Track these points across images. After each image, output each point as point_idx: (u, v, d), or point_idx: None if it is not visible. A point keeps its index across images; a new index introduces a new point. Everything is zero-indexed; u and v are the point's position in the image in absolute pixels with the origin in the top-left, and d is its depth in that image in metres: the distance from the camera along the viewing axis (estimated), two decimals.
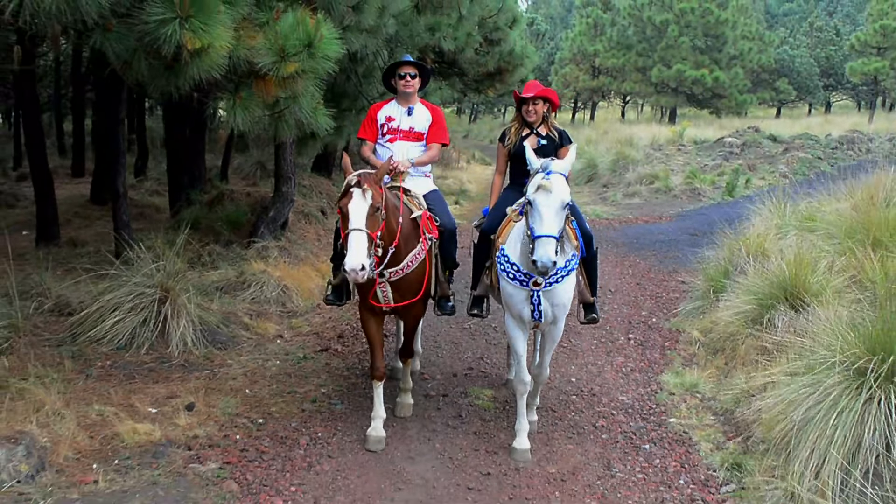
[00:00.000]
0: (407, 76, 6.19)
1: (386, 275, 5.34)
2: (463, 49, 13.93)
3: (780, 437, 5.01)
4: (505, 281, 5.40)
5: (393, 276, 5.37)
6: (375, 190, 4.94)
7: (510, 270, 5.31)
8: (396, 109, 6.29)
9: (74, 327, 7.17)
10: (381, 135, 6.29)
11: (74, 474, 4.88)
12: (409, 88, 6.19)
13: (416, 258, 5.49)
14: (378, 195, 4.94)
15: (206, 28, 5.06)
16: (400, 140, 6.22)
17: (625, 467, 5.32)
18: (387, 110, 6.32)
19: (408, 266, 5.42)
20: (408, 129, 6.26)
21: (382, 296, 5.48)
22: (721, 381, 6.63)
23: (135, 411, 5.80)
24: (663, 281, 10.48)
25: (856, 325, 5.20)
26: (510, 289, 5.38)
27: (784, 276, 7.20)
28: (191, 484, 4.88)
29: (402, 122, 6.25)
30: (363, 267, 4.71)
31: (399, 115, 6.26)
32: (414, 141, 6.26)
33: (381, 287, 5.42)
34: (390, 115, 6.28)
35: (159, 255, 7.69)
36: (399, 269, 5.37)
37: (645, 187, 19.72)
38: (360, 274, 4.71)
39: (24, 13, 4.51)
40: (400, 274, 5.39)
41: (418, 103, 6.31)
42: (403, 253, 5.38)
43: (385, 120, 6.27)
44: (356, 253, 4.72)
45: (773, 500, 4.65)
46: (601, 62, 42.03)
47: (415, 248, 5.49)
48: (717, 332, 7.52)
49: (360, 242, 4.76)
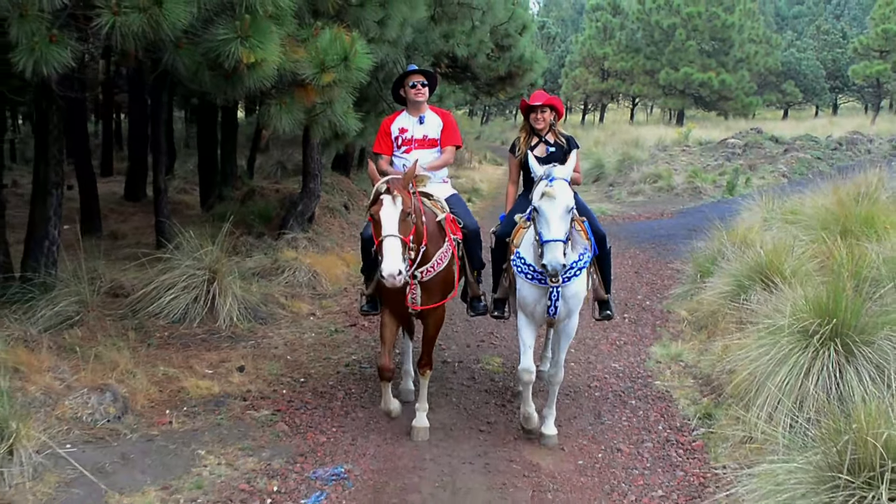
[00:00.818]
0: (417, 85, 6.31)
1: (418, 275, 5.47)
2: (475, 55, 14.73)
3: (744, 390, 5.94)
4: (523, 281, 5.63)
5: (424, 275, 5.51)
6: (405, 195, 5.08)
7: (527, 271, 5.55)
8: (408, 120, 6.42)
9: (133, 304, 8.16)
10: (396, 147, 6.40)
11: (152, 417, 5.87)
12: (420, 97, 6.32)
13: (444, 257, 5.64)
14: (408, 200, 5.10)
15: (261, 45, 6.03)
16: (415, 149, 6.34)
17: (612, 417, 6.28)
18: (399, 122, 6.45)
19: (437, 264, 5.57)
20: (421, 138, 6.37)
21: (411, 297, 5.57)
22: (702, 352, 7.55)
23: (194, 372, 6.79)
24: (659, 270, 11.40)
25: (808, 296, 6.14)
26: (526, 289, 5.61)
27: (761, 261, 8.12)
28: (248, 426, 5.87)
29: (414, 131, 6.38)
30: (400, 272, 4.87)
31: (411, 125, 6.39)
32: (429, 148, 6.38)
33: (411, 288, 5.51)
34: (403, 127, 6.40)
35: (200, 244, 8.66)
36: (429, 267, 5.52)
37: (649, 186, 20.62)
38: (397, 279, 4.87)
39: (116, 34, 5.49)
40: (431, 273, 5.53)
41: (428, 111, 6.44)
42: (431, 253, 5.53)
43: (398, 132, 6.40)
44: (392, 259, 4.88)
45: (734, 440, 5.57)
46: (610, 65, 42.94)
47: (441, 247, 5.65)
48: (701, 310, 8.45)
49: (395, 248, 4.92)
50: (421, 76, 6.37)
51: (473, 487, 5.09)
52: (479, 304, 6.32)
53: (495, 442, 5.80)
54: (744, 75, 39.98)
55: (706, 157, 24.46)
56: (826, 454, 4.14)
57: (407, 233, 5.06)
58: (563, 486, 5.07)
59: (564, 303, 5.54)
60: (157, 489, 4.88)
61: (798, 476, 4.19)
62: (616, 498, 5.01)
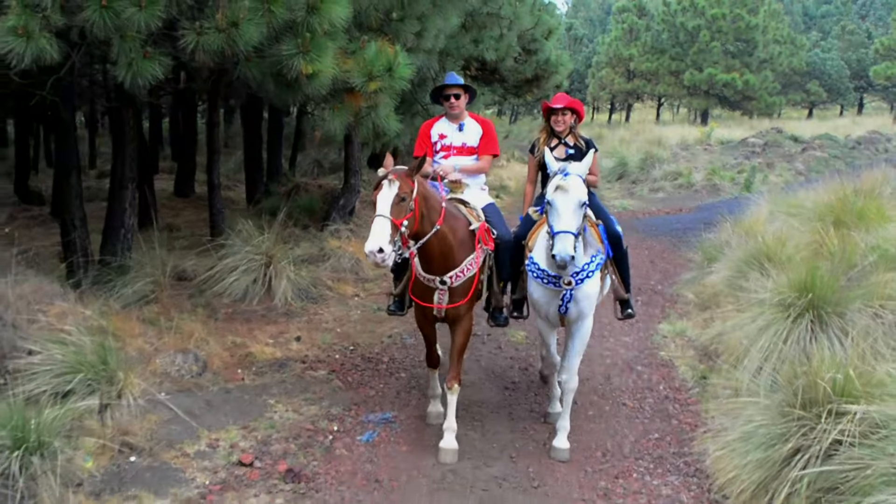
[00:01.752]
0: (452, 98, 6.43)
1: (447, 281, 5.64)
2: (503, 59, 15.61)
3: (734, 355, 6.89)
4: (536, 284, 5.79)
5: (453, 280, 5.65)
6: (404, 181, 5.17)
7: (541, 275, 5.68)
8: (448, 127, 6.55)
9: (199, 285, 9.23)
10: (434, 152, 6.54)
11: (227, 375, 6.93)
12: (456, 110, 6.46)
13: (472, 265, 5.73)
14: (406, 185, 5.17)
15: (318, 58, 7.04)
16: (453, 156, 6.46)
17: (620, 379, 7.25)
18: (438, 128, 6.58)
19: (466, 270, 5.68)
20: (460, 146, 6.48)
21: (439, 300, 5.74)
22: (704, 328, 8.48)
23: (258, 340, 7.83)
24: (673, 259, 12.34)
25: (790, 276, 7.08)
26: (538, 293, 5.78)
27: (760, 248, 9.04)
28: (309, 382, 6.91)
29: (453, 138, 6.49)
30: (381, 250, 4.94)
31: (451, 132, 6.51)
32: (467, 156, 6.48)
33: (440, 293, 5.71)
34: (442, 133, 6.53)
35: (258, 233, 9.70)
36: (458, 272, 5.65)
37: (669, 183, 21.50)
38: (377, 257, 4.95)
39: (199, 51, 6.54)
40: (460, 278, 5.66)
41: (468, 118, 6.57)
42: (460, 259, 5.66)
43: (438, 137, 6.54)
44: (375, 237, 4.97)
45: (724, 396, 6.51)
46: (636, 66, 43.73)
47: (471, 255, 5.74)
48: (706, 292, 9.38)
49: (381, 227, 5.00)
50: (458, 88, 6.47)
51: (500, 430, 6.13)
52: (500, 316, 6.34)
53: (518, 397, 6.81)
54: (767, 75, 40.61)
55: (726, 156, 25.26)
56: (786, 394, 5.09)
57: (400, 216, 5.11)
58: (574, 430, 6.00)
59: (576, 304, 5.67)
60: (237, 428, 5.94)
61: (764, 412, 5.15)
62: (619, 439, 6.00)
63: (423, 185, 5.45)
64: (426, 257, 5.63)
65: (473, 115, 6.65)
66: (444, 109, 6.67)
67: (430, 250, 5.54)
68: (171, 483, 5.11)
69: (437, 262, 5.62)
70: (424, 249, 5.52)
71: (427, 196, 5.45)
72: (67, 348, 5.73)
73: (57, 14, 6.03)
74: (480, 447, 5.86)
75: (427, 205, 5.41)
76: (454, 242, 5.63)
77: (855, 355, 5.21)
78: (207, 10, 6.68)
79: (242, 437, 5.83)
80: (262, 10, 6.59)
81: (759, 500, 4.84)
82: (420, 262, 5.72)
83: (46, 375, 5.51)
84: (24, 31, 5.93)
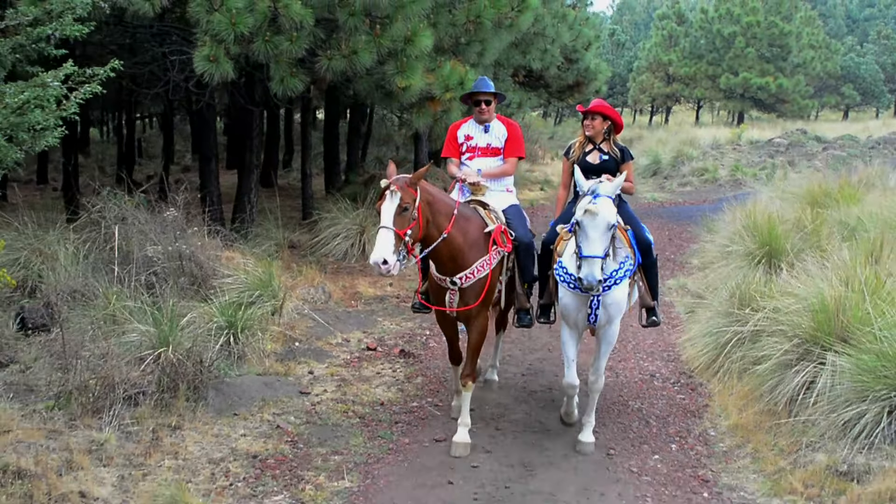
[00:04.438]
0: (482, 104, 6.48)
1: (457, 281, 5.77)
2: (548, 67, 18.20)
3: (713, 291, 9.39)
4: (565, 290, 5.86)
5: (464, 281, 5.78)
6: (405, 192, 5.25)
7: (569, 280, 5.71)
8: (474, 128, 6.59)
9: (309, 249, 11.95)
10: (461, 153, 6.62)
11: (345, 303, 9.64)
12: (485, 115, 6.51)
13: (484, 266, 5.82)
14: (407, 196, 5.26)
15: (411, 76, 9.70)
16: (478, 157, 6.53)
17: (628, 317, 9.80)
18: (465, 129, 6.63)
19: (477, 271, 5.79)
20: (485, 146, 6.54)
21: (449, 301, 5.92)
22: (700, 280, 10.98)
23: (361, 285, 10.51)
24: (688, 237, 14.80)
25: (756, 235, 9.58)
26: (568, 298, 5.86)
27: (751, 223, 11.52)
28: (403, 310, 9.59)
29: (479, 139, 6.55)
30: (385, 261, 5.12)
31: (477, 133, 6.56)
32: (492, 157, 6.54)
33: (451, 293, 5.87)
34: (469, 134, 6.59)
35: (343, 212, 12.36)
36: (468, 273, 5.77)
37: (696, 178, 23.87)
38: (383, 268, 5.13)
39: (329, 71, 9.25)
40: (470, 279, 5.78)
41: (495, 120, 6.60)
42: (470, 259, 5.78)
43: (464, 139, 6.59)
44: (380, 248, 5.14)
45: (704, 317, 9.02)
46: (674, 70, 45.91)
47: (483, 257, 5.83)
48: (706, 257, 11.88)
49: (385, 239, 5.16)
50: (488, 95, 6.51)
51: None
52: (525, 317, 6.47)
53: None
54: (800, 80, 42.57)
55: (752, 155, 27.49)
56: (730, 302, 7.64)
57: (403, 226, 5.22)
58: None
59: (605, 310, 5.75)
60: (360, 332, 8.64)
61: (715, 314, 7.71)
62: (623, 343, 8.54)
63: (426, 191, 5.55)
64: (436, 259, 5.82)
65: (501, 117, 6.71)
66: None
67: (439, 253, 5.71)
68: (325, 358, 7.81)
69: (448, 264, 5.77)
70: (434, 252, 5.71)
71: (432, 201, 5.57)
72: (248, 274, 8.46)
73: (235, 46, 8.76)
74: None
75: (432, 209, 5.54)
76: (464, 245, 5.74)
77: (779, 279, 7.74)
78: (334, 42, 9.38)
79: (365, 336, 8.54)
80: (373, 42, 9.28)
81: (712, 369, 7.39)
82: (433, 263, 5.93)
83: (237, 291, 8.21)
84: (214, 58, 8.67)
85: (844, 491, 5.00)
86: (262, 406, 6.48)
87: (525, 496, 5.34)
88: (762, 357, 6.65)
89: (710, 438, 6.32)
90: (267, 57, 8.99)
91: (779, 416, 6.07)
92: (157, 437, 5.70)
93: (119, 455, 5.39)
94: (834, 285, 6.53)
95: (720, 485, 5.52)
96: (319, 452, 5.81)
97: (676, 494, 5.38)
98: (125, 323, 6.98)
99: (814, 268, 7.53)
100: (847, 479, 5.10)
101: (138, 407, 5.94)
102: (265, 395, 6.65)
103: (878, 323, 5.73)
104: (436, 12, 10.29)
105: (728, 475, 5.66)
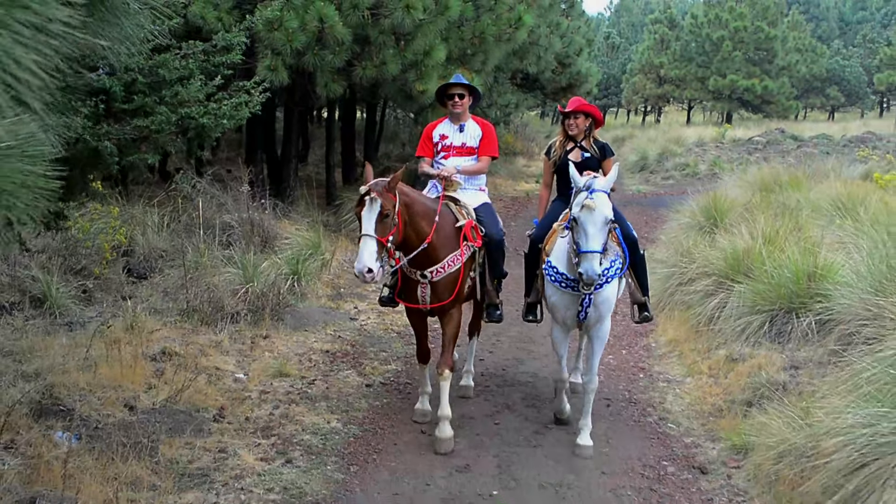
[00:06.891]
0: (455, 97, 6.52)
1: (428, 275, 5.81)
2: (543, 71, 20.43)
3: (673, 254, 11.71)
4: (554, 289, 5.86)
5: (434, 275, 5.82)
6: (385, 198, 5.28)
7: (560, 279, 5.74)
8: (449, 128, 6.64)
9: (339, 225, 14.27)
10: (436, 152, 6.63)
11: None
12: (458, 108, 6.53)
13: (455, 261, 5.87)
14: (387, 202, 5.28)
15: (428, 82, 12.02)
16: (453, 156, 6.56)
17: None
18: (440, 129, 6.67)
19: (448, 266, 5.83)
20: (460, 146, 6.57)
21: (421, 296, 5.93)
22: (663, 250, 13.28)
23: None
24: (662, 220, 17.11)
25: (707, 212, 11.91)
26: (557, 297, 5.87)
27: (709, 204, 13.87)
28: None
29: (454, 139, 6.58)
30: (370, 270, 5.15)
31: (451, 132, 6.61)
32: (467, 156, 6.57)
33: (422, 287, 5.88)
34: (444, 134, 6.63)
35: None
36: (439, 268, 5.81)
37: (678, 172, 26.19)
38: (367, 276, 5.17)
39: (364, 78, 11.59)
40: (441, 273, 5.81)
41: (469, 120, 6.65)
42: (442, 254, 5.82)
43: (439, 138, 6.62)
44: (364, 257, 5.19)
45: (656, 269, 11.34)
46: (666, 72, 48.17)
47: (454, 251, 5.88)
48: (671, 234, 14.20)
49: (368, 248, 5.20)
50: (462, 88, 6.58)
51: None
52: (494, 312, 6.49)
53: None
54: (784, 82, 44.91)
55: (732, 152, 29.77)
56: (675, 255, 9.97)
57: (384, 233, 5.25)
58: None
59: (595, 308, 5.78)
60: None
61: (663, 265, 10.04)
62: None
63: (404, 193, 5.59)
64: (409, 252, 5.77)
65: (476, 117, 6.78)
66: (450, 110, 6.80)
67: (413, 247, 5.71)
68: (365, 298, 10.13)
69: (420, 257, 5.78)
70: (407, 245, 5.68)
71: (410, 203, 5.62)
72: (303, 236, 10.79)
73: (290, 58, 11.09)
74: None
75: (409, 211, 5.58)
76: (436, 240, 5.78)
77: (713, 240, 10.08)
78: (367, 55, 11.71)
79: None
80: (398, 55, 11.62)
81: (660, 306, 9.71)
82: (403, 255, 5.83)
83: (294, 249, 10.52)
84: (274, 67, 11.00)
85: (733, 369, 7.34)
86: (325, 325, 8.83)
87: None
88: (693, 292, 9.00)
89: (651, 347, 8.70)
90: (314, 66, 11.32)
91: (700, 330, 8.42)
92: (255, 342, 8.03)
93: (233, 349, 7.73)
94: (745, 239, 8.90)
95: (653, 372, 7.88)
96: (372, 350, 8.22)
97: (621, 376, 7.74)
98: (215, 269, 9.31)
99: (740, 231, 9.85)
100: (737, 363, 7.43)
101: (237, 323, 8.28)
102: (326, 319, 9.00)
103: (769, 262, 8.07)
104: (448, 30, 12.58)
105: (660, 367, 8.05)
